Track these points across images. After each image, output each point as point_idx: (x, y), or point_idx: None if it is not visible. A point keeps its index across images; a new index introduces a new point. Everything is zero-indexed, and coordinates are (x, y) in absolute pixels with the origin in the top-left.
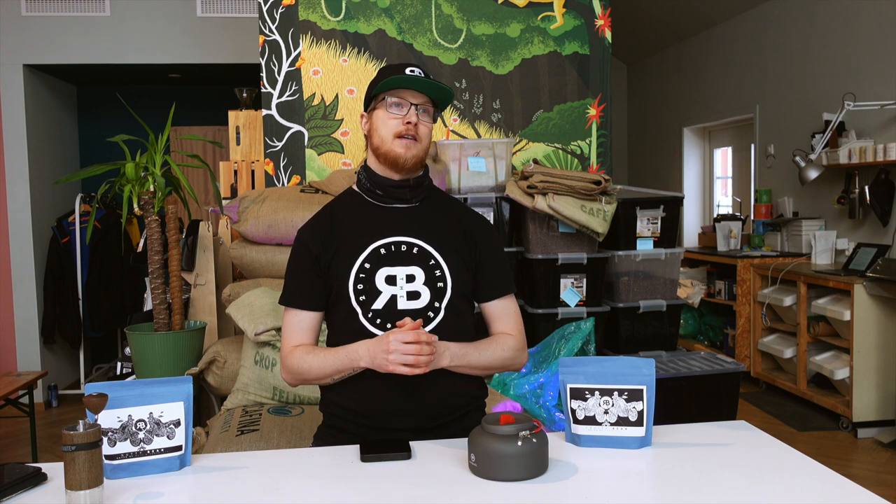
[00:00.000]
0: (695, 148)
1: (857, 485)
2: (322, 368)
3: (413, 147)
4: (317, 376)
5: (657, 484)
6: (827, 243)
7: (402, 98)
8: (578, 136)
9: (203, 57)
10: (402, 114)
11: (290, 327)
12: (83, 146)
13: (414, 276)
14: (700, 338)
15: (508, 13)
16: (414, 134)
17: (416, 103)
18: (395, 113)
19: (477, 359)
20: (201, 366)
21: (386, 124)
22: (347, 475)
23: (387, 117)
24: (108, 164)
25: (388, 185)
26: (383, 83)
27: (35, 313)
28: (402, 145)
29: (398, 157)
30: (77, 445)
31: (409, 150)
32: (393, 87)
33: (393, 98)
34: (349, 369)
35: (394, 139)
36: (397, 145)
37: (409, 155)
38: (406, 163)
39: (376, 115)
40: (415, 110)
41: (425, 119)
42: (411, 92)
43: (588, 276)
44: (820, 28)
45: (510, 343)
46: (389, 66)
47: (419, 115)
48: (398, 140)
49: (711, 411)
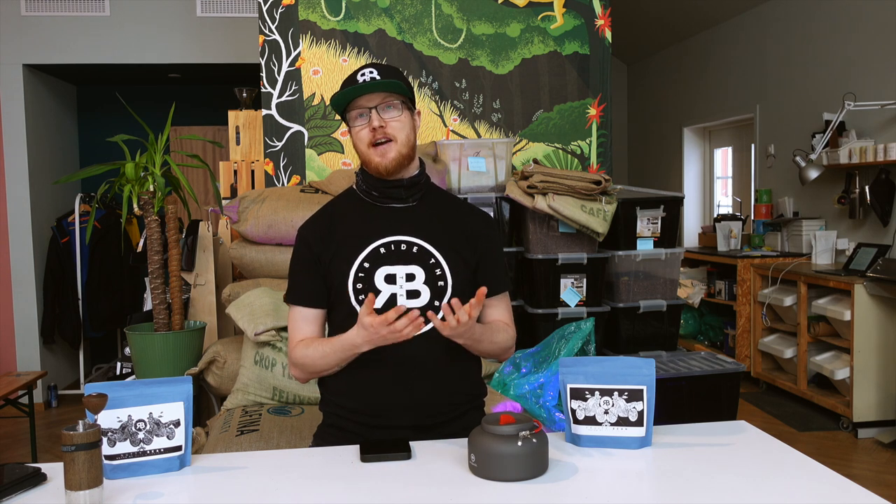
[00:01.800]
0: (695, 148)
1: (857, 485)
2: (325, 359)
3: (389, 150)
4: (322, 367)
5: (657, 484)
6: (827, 243)
7: (360, 106)
8: (578, 136)
9: (203, 57)
10: (366, 122)
11: (295, 324)
12: (83, 146)
13: (414, 275)
14: (700, 338)
15: (508, 13)
16: (384, 136)
17: (373, 105)
18: (359, 124)
19: (488, 341)
20: (201, 366)
21: (358, 136)
22: (347, 475)
23: (356, 130)
24: (107, 164)
25: (381, 187)
26: (334, 101)
27: (35, 313)
28: (377, 153)
29: (378, 165)
30: (77, 445)
31: (385, 156)
32: (345, 101)
33: (353, 111)
34: (352, 357)
35: (369, 149)
36: (373, 154)
37: (387, 160)
38: (387, 167)
39: (352, 131)
40: (376, 113)
41: (391, 114)
42: (366, 97)
43: (588, 276)
44: (820, 28)
45: (510, 333)
46: (347, 78)
47: (382, 115)
48: (373, 149)
49: (711, 411)
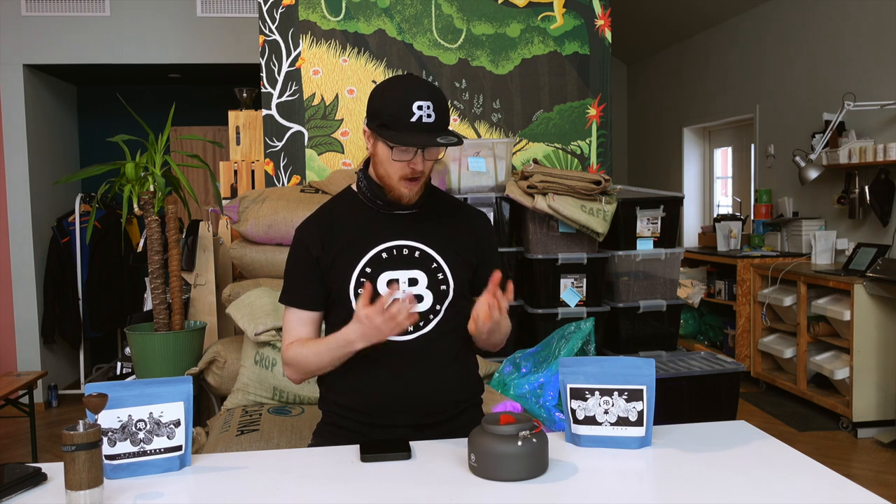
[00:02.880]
0: (695, 148)
1: (857, 485)
2: (318, 357)
3: (416, 185)
4: (316, 366)
5: (657, 484)
6: (827, 243)
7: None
8: (578, 136)
9: (203, 57)
10: (408, 159)
11: (289, 326)
12: (83, 146)
13: (416, 280)
14: (700, 338)
15: (508, 13)
16: (420, 175)
17: (422, 147)
18: (401, 157)
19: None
20: (201, 366)
21: (391, 164)
22: (347, 475)
23: (391, 159)
24: (108, 164)
25: (388, 199)
26: (387, 127)
27: (35, 313)
28: (406, 186)
29: (402, 196)
30: (77, 445)
31: (412, 189)
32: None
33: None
34: (347, 355)
35: (399, 180)
36: (402, 186)
37: (412, 193)
38: (410, 200)
39: (380, 148)
40: (421, 155)
41: (431, 155)
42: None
43: (588, 276)
44: (820, 28)
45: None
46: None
47: (426, 155)
48: (403, 181)
49: (711, 411)
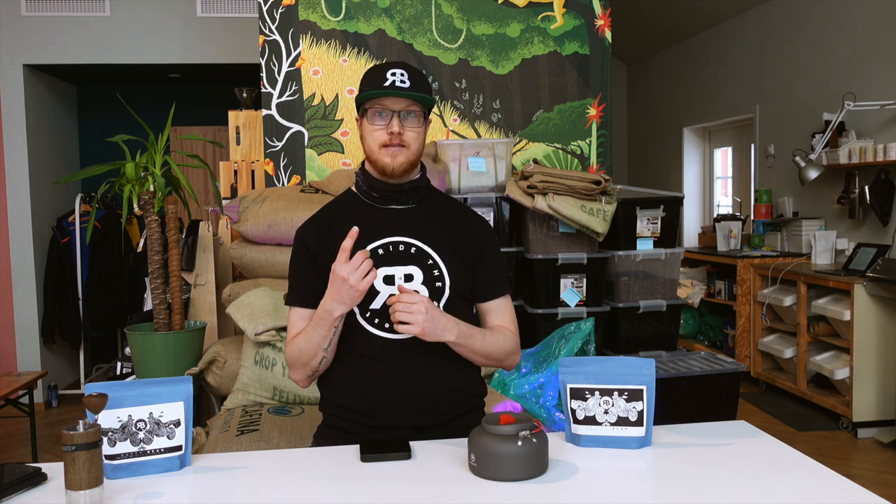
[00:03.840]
0: (695, 148)
1: (857, 485)
2: (308, 341)
3: (400, 154)
4: (309, 352)
5: (657, 484)
6: (827, 243)
7: (384, 106)
8: (578, 136)
9: (203, 57)
10: (385, 124)
11: (292, 325)
12: (83, 146)
13: (412, 276)
14: (700, 338)
15: (508, 13)
16: (399, 141)
17: (398, 110)
18: (378, 124)
19: (480, 343)
20: (201, 366)
21: (371, 135)
22: (347, 475)
23: (371, 128)
24: (108, 164)
25: (383, 189)
26: (362, 95)
27: (35, 313)
28: (388, 154)
29: (385, 166)
30: (77, 445)
31: (395, 159)
32: (372, 97)
33: (375, 108)
34: (330, 327)
35: (380, 149)
36: (384, 154)
37: (396, 163)
38: (395, 171)
39: (363, 124)
40: (397, 118)
41: (411, 123)
42: (392, 99)
43: (588, 276)
44: (820, 28)
45: (510, 337)
46: (372, 70)
47: (402, 122)
48: (384, 149)
49: (711, 411)
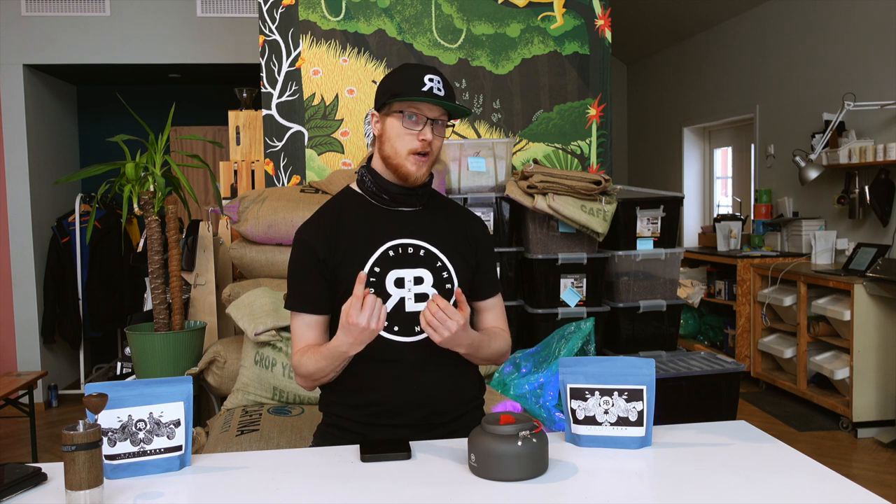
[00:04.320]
0: (695, 148)
1: (857, 485)
2: (318, 368)
3: (425, 164)
4: (319, 375)
5: (657, 484)
6: (827, 243)
7: (419, 111)
8: (578, 136)
9: (203, 57)
10: (418, 129)
11: (297, 332)
12: (83, 146)
13: (422, 279)
14: (700, 338)
15: (508, 13)
16: (428, 149)
17: (433, 118)
18: (410, 128)
19: (486, 351)
20: (201, 366)
21: (401, 138)
22: (347, 475)
23: (401, 131)
24: (108, 164)
25: (395, 192)
26: (401, 93)
27: (35, 313)
28: (414, 162)
29: (409, 174)
30: (77, 445)
31: (420, 168)
32: (410, 99)
33: (410, 111)
34: (345, 362)
35: (407, 155)
36: (410, 162)
37: (420, 173)
38: (417, 180)
39: (389, 124)
40: (430, 126)
41: (440, 133)
42: (428, 105)
43: (588, 276)
44: (820, 28)
45: (506, 338)
46: (408, 69)
47: (434, 130)
48: (412, 157)
49: (711, 411)
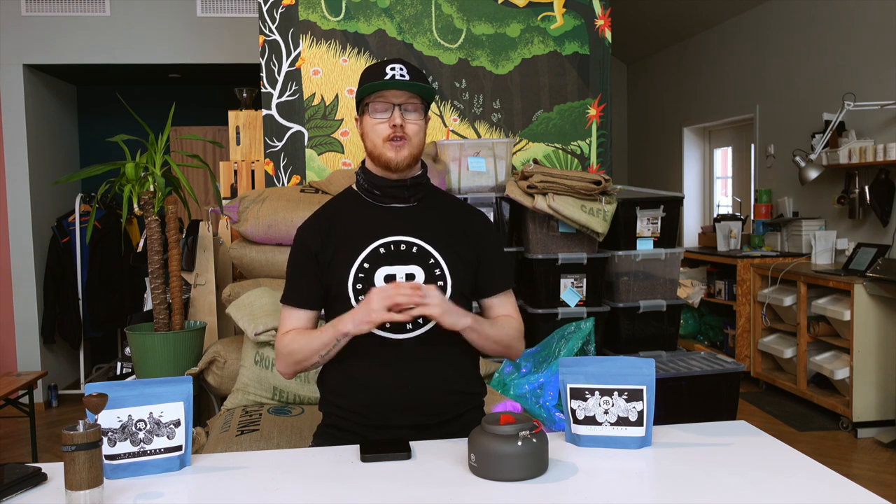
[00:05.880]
0: (695, 148)
1: (857, 485)
2: (309, 345)
3: (403, 148)
4: (304, 355)
5: (657, 484)
6: (827, 243)
7: (385, 100)
8: (578, 136)
9: (203, 57)
10: (387, 117)
11: (285, 320)
12: (83, 146)
13: (413, 275)
14: (700, 338)
15: (508, 13)
16: (402, 135)
17: (399, 103)
18: (380, 117)
19: (490, 329)
20: (201, 366)
21: (374, 129)
22: (347, 475)
23: (373, 122)
24: (108, 164)
25: (384, 186)
26: (363, 88)
27: (35, 313)
28: (391, 148)
29: (389, 160)
30: (77, 445)
31: (399, 153)
32: (372, 90)
33: (376, 102)
34: (333, 339)
35: (384, 143)
36: (387, 149)
37: (399, 157)
38: (399, 165)
39: (365, 121)
40: (399, 111)
41: (412, 117)
42: (393, 92)
43: (588, 276)
44: (820, 28)
45: (514, 324)
46: (371, 67)
47: (404, 115)
48: (388, 143)
49: (711, 411)
